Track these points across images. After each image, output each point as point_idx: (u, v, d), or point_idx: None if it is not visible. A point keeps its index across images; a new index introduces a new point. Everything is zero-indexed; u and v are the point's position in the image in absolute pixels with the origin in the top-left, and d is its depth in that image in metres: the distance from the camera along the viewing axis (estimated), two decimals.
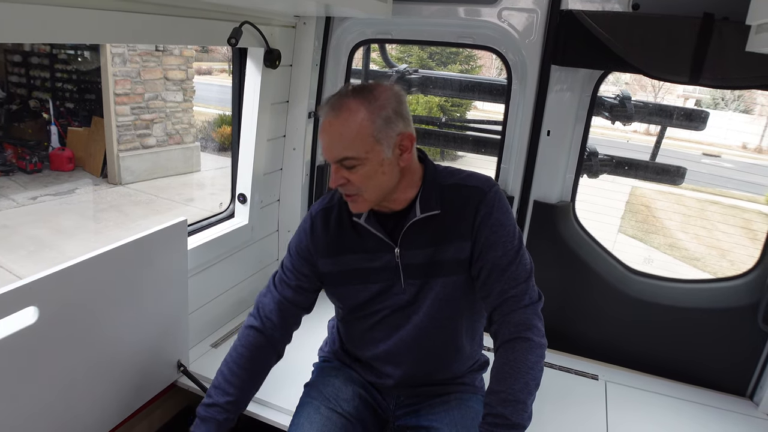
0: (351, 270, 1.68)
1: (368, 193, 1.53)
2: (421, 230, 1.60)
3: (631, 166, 3.30)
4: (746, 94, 13.47)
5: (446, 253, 1.59)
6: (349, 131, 1.46)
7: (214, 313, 2.64)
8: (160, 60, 9.32)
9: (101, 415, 1.94)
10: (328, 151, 1.51)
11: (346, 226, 1.68)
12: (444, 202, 1.59)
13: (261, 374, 1.75)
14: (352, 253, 1.67)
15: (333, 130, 1.48)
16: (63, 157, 9.48)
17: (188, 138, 10.19)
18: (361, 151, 1.47)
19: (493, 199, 1.58)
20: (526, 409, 1.43)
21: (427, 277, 1.62)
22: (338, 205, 1.70)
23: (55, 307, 1.63)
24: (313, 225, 1.73)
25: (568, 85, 2.46)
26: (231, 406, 1.66)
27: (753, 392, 2.45)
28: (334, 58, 2.86)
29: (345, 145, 1.47)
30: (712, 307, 2.47)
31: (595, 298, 2.64)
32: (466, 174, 1.66)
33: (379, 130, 1.47)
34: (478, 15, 2.49)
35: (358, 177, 1.50)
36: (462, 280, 1.61)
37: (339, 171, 1.50)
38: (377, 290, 1.66)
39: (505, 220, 1.58)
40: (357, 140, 1.46)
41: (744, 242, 8.49)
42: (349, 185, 1.52)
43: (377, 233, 1.61)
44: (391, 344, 1.70)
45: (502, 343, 1.51)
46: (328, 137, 1.49)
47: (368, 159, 1.48)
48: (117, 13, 1.71)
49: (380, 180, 1.52)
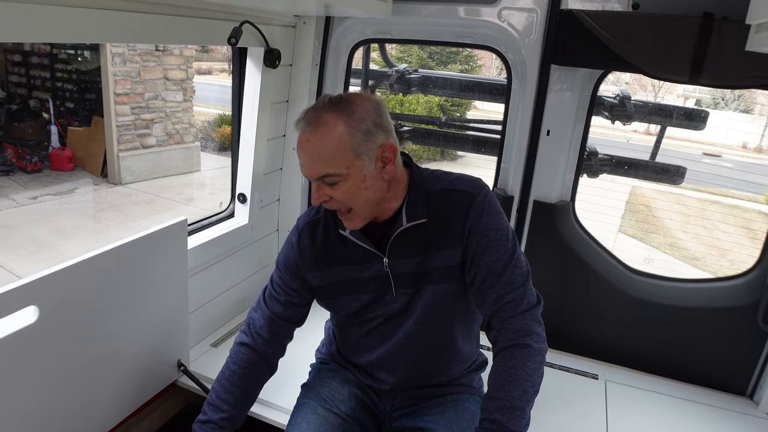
0: (341, 282, 1.65)
1: (358, 208, 1.50)
2: (409, 239, 1.56)
3: (631, 166, 3.30)
4: (746, 94, 13.48)
5: (435, 261, 1.56)
6: (327, 148, 1.41)
7: (214, 312, 2.65)
8: (160, 60, 9.33)
9: (101, 414, 1.94)
10: (307, 169, 1.47)
11: (333, 239, 1.65)
12: (431, 210, 1.55)
13: (254, 390, 1.75)
14: (340, 264, 1.64)
15: (310, 146, 1.43)
16: (63, 156, 9.49)
17: (188, 138, 10.20)
18: (341, 167, 1.43)
19: (482, 203, 1.53)
20: (523, 416, 1.41)
21: (418, 285, 1.59)
22: (324, 218, 1.68)
23: (55, 307, 1.63)
24: (300, 239, 1.70)
25: (568, 84, 2.46)
26: (226, 423, 1.66)
27: (753, 392, 2.45)
28: (334, 58, 2.86)
29: (324, 162, 1.43)
30: (712, 306, 2.47)
31: (595, 297, 2.64)
32: (453, 177, 1.61)
33: (358, 144, 1.43)
34: (477, 15, 2.49)
35: (341, 193, 1.46)
36: (453, 287, 1.58)
37: (321, 188, 1.47)
38: (369, 300, 1.64)
39: (496, 223, 1.53)
40: (336, 156, 1.42)
41: (744, 242, 8.49)
42: (332, 202, 1.49)
43: (363, 245, 1.59)
44: (384, 351, 1.69)
45: (500, 349, 1.48)
46: (306, 155, 1.45)
47: (350, 175, 1.44)
48: (117, 13, 1.71)
49: (365, 195, 1.48)
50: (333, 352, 1.90)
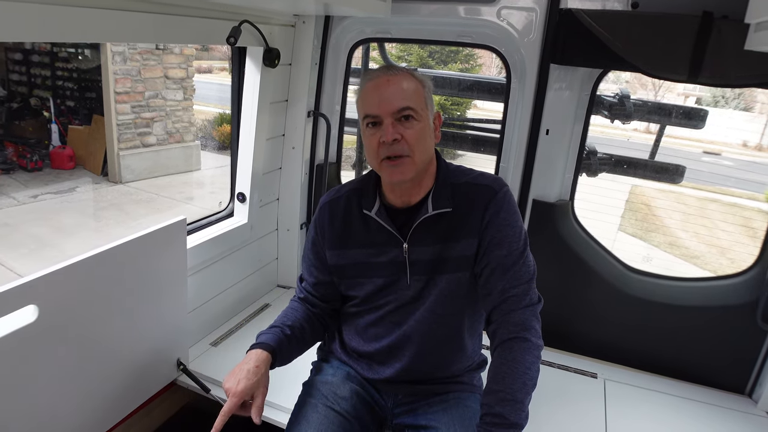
0: (356, 264, 1.70)
1: (417, 155, 1.54)
2: (431, 227, 1.62)
3: (630, 165, 3.31)
4: (746, 92, 13.45)
5: (453, 250, 1.61)
6: (409, 86, 1.54)
7: (213, 311, 2.65)
8: (160, 58, 9.32)
9: (101, 413, 1.95)
10: (387, 104, 1.52)
11: (356, 219, 1.70)
12: (455, 200, 1.61)
13: (313, 331, 1.80)
14: (359, 247, 1.69)
15: (392, 84, 1.53)
16: (64, 155, 9.49)
17: (188, 136, 10.19)
18: (419, 105, 1.54)
19: (502, 199, 1.60)
20: (523, 408, 1.44)
21: (433, 273, 1.63)
22: (347, 198, 1.73)
23: (54, 306, 1.63)
24: (320, 216, 1.77)
25: (567, 83, 2.46)
26: (288, 330, 1.71)
27: (752, 390, 2.46)
28: (334, 57, 2.86)
29: (407, 97, 1.52)
30: (711, 305, 2.48)
31: (594, 296, 2.64)
32: (477, 173, 1.69)
33: (427, 96, 1.58)
34: (477, 14, 2.49)
35: (412, 134, 1.52)
36: (466, 277, 1.63)
37: (395, 126, 1.52)
38: (382, 284, 1.68)
39: (512, 220, 1.60)
40: (416, 96, 1.54)
41: (744, 240, 8.48)
42: (401, 143, 1.53)
43: (388, 227, 1.63)
44: (394, 338, 1.71)
45: (500, 342, 1.52)
46: (387, 91, 1.52)
47: (422, 117, 1.55)
48: (117, 12, 1.71)
49: (427, 144, 1.57)
50: (335, 348, 1.90)
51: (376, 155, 1.55)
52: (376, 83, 1.54)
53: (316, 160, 3.00)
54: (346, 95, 3.00)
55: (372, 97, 1.54)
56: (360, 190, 1.71)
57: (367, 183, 1.69)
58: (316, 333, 1.83)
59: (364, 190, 1.70)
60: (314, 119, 2.91)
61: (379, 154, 1.54)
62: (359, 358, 1.82)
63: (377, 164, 1.58)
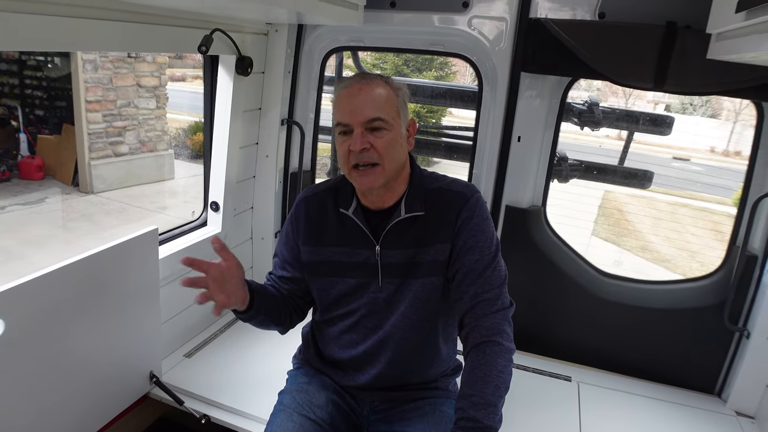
0: (329, 262, 1.70)
1: (387, 163, 1.56)
2: (404, 231, 1.63)
3: (600, 171, 3.37)
4: (713, 100, 13.79)
5: (426, 254, 1.62)
6: (379, 96, 1.55)
7: (187, 323, 2.61)
8: (132, 66, 9.18)
9: (71, 427, 1.91)
10: (357, 113, 1.54)
11: (332, 217, 1.70)
12: (428, 205, 1.63)
13: (278, 302, 1.76)
14: (332, 245, 1.69)
15: (364, 94, 1.54)
16: (32, 165, 9.26)
17: (161, 145, 10.05)
18: (390, 115, 1.56)
19: (474, 205, 1.63)
20: (497, 412, 1.44)
21: (406, 277, 1.64)
22: (324, 195, 1.73)
23: (21, 320, 1.59)
24: (296, 211, 1.77)
25: (538, 91, 2.50)
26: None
27: (721, 389, 2.52)
28: (307, 66, 2.86)
29: (377, 107, 1.54)
30: (681, 307, 2.53)
31: (567, 300, 2.68)
32: (450, 180, 1.71)
33: (400, 105, 1.60)
34: (449, 23, 2.52)
35: (382, 143, 1.54)
36: (440, 281, 1.64)
37: (364, 135, 1.53)
38: (355, 284, 1.68)
39: (484, 226, 1.62)
40: (386, 106, 1.56)
41: (713, 244, 8.68)
42: (370, 152, 1.54)
43: (363, 227, 1.64)
44: (369, 344, 1.71)
45: (472, 346, 1.53)
46: (358, 100, 1.54)
47: (393, 127, 1.56)
48: (87, 21, 1.69)
49: (398, 153, 1.59)
50: (310, 357, 1.89)
51: (347, 162, 1.58)
52: (349, 91, 1.56)
53: (290, 168, 2.99)
54: (320, 103, 3.00)
55: (344, 106, 1.56)
56: (338, 189, 1.72)
57: (345, 183, 1.70)
58: (285, 304, 1.79)
59: (341, 190, 1.71)
60: (288, 127, 2.90)
61: (350, 161, 1.57)
62: (335, 366, 1.82)
63: (348, 171, 1.60)
